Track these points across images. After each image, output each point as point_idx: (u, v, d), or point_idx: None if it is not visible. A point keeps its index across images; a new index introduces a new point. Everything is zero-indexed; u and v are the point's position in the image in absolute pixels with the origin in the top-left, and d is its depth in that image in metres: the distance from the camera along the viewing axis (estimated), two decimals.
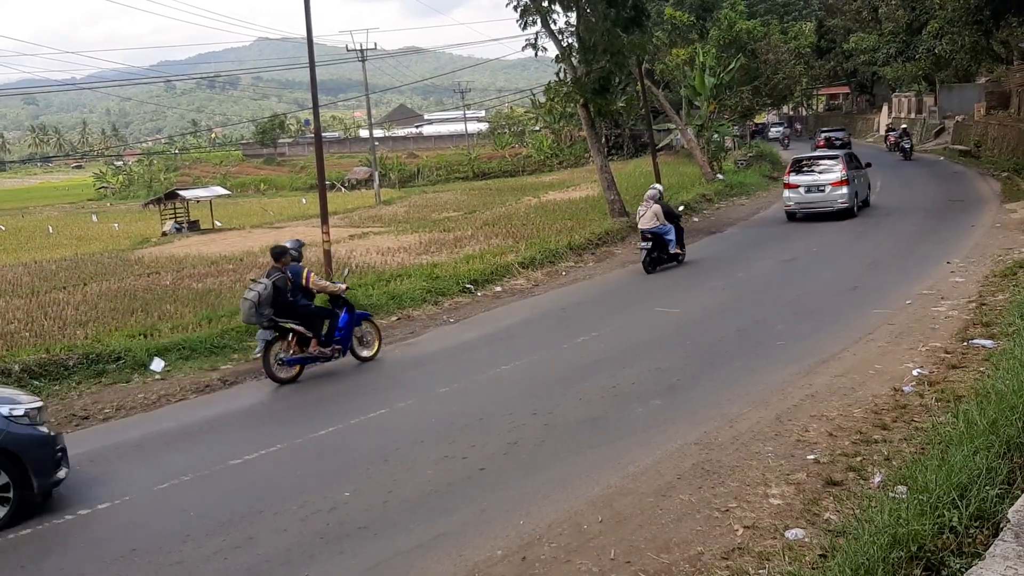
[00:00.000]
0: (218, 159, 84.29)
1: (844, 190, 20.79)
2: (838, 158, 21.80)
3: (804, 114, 78.22)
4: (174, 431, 8.84)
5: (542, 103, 53.23)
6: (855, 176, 21.60)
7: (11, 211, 61.30)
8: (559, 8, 21.77)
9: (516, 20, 21.51)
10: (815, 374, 8.81)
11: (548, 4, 21.62)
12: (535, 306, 14.40)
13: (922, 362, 8.84)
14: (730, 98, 35.35)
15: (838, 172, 21.02)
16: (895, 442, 6.63)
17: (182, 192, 45.08)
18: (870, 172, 23.73)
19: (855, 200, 21.30)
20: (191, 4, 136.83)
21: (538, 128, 70.01)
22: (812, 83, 62.31)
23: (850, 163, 21.72)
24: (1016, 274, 12.64)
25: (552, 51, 22.19)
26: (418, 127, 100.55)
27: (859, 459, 6.39)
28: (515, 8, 21.59)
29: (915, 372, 8.48)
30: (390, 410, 8.99)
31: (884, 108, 58.16)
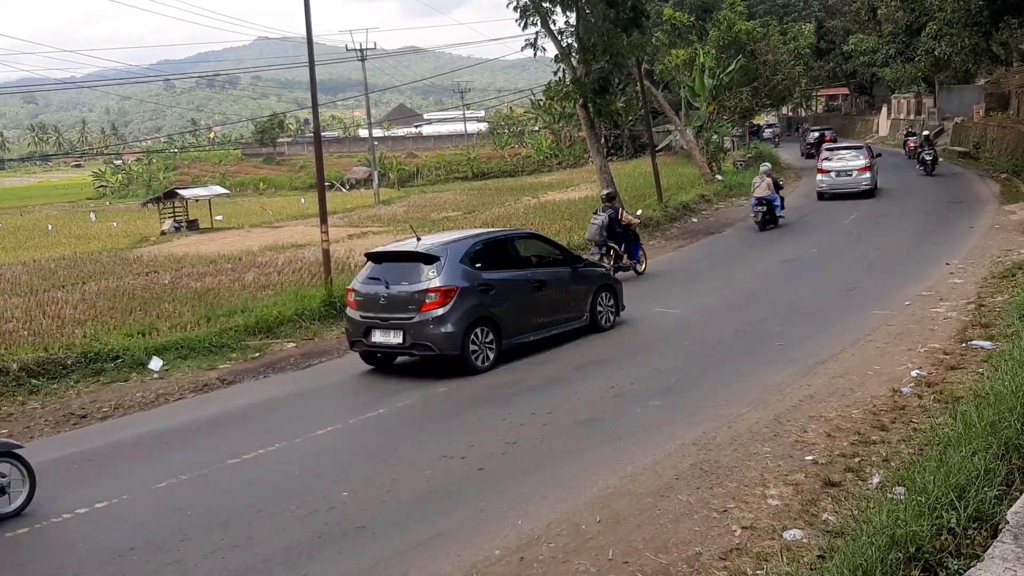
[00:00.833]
0: (217, 158, 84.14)
1: (868, 175, 25.08)
2: (862, 148, 26.44)
3: (803, 115, 78.23)
4: (172, 430, 8.82)
5: (542, 103, 53.12)
6: (874, 163, 25.95)
7: (10, 210, 61.32)
8: (559, 8, 21.75)
9: (516, 20, 21.46)
10: (814, 375, 8.82)
11: (548, 4, 21.60)
12: None
13: (921, 363, 8.85)
14: (729, 99, 35.31)
15: (863, 160, 25.44)
16: (893, 443, 6.63)
17: (181, 191, 45.11)
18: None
19: (875, 183, 25.60)
20: (191, 3, 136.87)
21: (537, 128, 70.05)
22: (811, 84, 62.25)
23: (870, 152, 26.06)
24: (1015, 275, 12.66)
25: (552, 51, 22.18)
26: (417, 127, 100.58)
27: (857, 460, 6.39)
28: (515, 8, 21.55)
29: (914, 373, 8.49)
30: (389, 410, 9.00)
31: (883, 109, 58.18)
